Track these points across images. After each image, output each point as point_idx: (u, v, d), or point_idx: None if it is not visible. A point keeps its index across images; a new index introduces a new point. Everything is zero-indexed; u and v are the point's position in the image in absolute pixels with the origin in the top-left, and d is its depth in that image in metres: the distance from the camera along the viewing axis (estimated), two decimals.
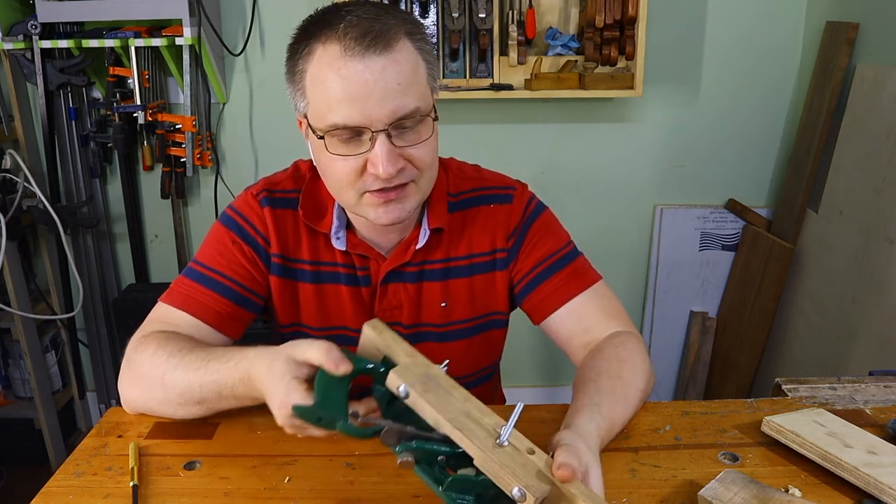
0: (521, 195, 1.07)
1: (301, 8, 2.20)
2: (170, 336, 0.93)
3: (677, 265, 2.48)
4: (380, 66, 0.84)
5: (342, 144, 0.88)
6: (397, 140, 0.87)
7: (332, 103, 0.85)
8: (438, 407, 0.68)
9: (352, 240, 1.02)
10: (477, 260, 1.05)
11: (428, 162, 0.91)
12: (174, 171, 2.30)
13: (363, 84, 0.84)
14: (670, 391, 2.68)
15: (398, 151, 0.87)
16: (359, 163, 0.88)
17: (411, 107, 0.86)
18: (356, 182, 0.90)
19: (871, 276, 1.81)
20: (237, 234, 1.02)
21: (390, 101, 0.85)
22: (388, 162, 0.86)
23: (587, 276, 1.04)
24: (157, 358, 0.89)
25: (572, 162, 2.39)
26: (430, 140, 0.91)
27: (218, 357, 0.85)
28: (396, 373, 0.71)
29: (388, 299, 1.04)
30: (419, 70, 0.89)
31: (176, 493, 0.80)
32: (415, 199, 0.93)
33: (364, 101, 0.84)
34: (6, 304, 2.13)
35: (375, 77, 0.84)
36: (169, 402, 0.89)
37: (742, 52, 2.27)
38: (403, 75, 0.85)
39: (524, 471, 0.63)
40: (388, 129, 0.86)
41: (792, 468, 0.83)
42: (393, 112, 0.85)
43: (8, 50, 2.13)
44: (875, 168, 1.82)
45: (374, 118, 0.85)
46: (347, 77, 0.84)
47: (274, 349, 0.78)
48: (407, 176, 0.90)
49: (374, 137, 0.86)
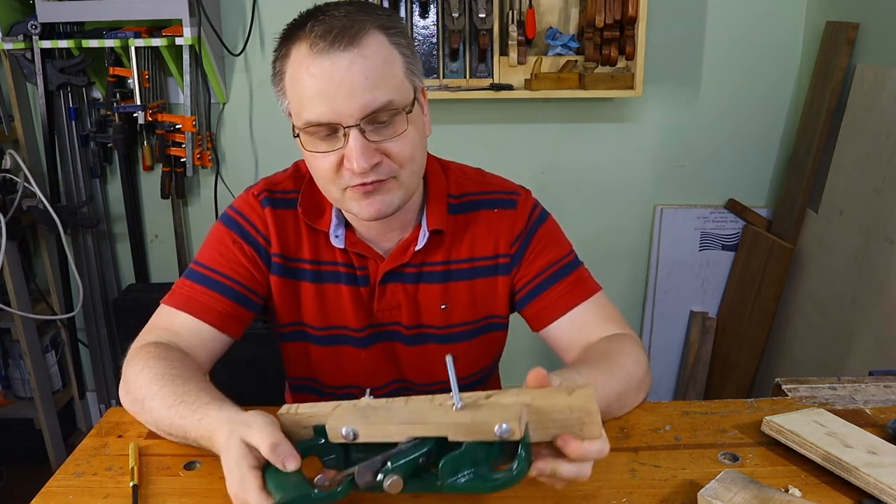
0: (525, 201, 1.07)
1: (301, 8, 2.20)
2: (159, 354, 0.91)
3: (677, 265, 2.48)
4: (346, 62, 0.84)
5: (320, 142, 0.89)
6: (372, 135, 0.87)
7: (305, 101, 0.87)
8: (386, 422, 0.67)
9: (350, 238, 1.02)
10: (479, 263, 1.05)
11: (407, 156, 0.91)
12: (174, 171, 2.30)
13: (330, 80, 0.85)
14: (670, 391, 2.67)
15: (374, 146, 0.88)
16: (336, 159, 0.89)
17: (382, 100, 0.86)
18: (336, 178, 0.90)
19: (871, 276, 1.81)
20: (238, 234, 1.02)
21: (359, 96, 0.85)
22: (360, 156, 0.86)
23: (588, 287, 1.04)
24: (140, 378, 0.88)
25: (572, 162, 2.39)
26: (407, 134, 0.90)
27: (187, 403, 0.82)
28: (332, 423, 0.69)
29: (386, 299, 1.04)
30: (393, 64, 0.88)
31: (176, 493, 0.80)
32: (397, 193, 0.92)
33: (333, 98, 0.85)
34: (6, 304, 2.13)
35: (342, 73, 0.84)
36: (148, 423, 0.89)
37: (742, 52, 2.27)
38: (372, 69, 0.85)
39: (494, 412, 0.63)
40: (360, 123, 0.86)
41: (792, 468, 0.83)
42: (363, 107, 0.85)
43: (8, 50, 2.13)
44: (875, 168, 1.82)
45: (343, 113, 0.85)
46: (315, 74, 0.85)
47: (233, 419, 0.75)
48: (385, 171, 0.90)
49: (347, 133, 0.86)
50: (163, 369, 0.88)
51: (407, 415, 0.67)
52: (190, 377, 0.87)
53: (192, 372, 0.89)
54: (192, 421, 0.81)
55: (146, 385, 0.87)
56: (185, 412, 0.82)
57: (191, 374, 0.89)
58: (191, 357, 0.95)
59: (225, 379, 2.07)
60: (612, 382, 0.88)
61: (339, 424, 0.68)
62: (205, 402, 0.81)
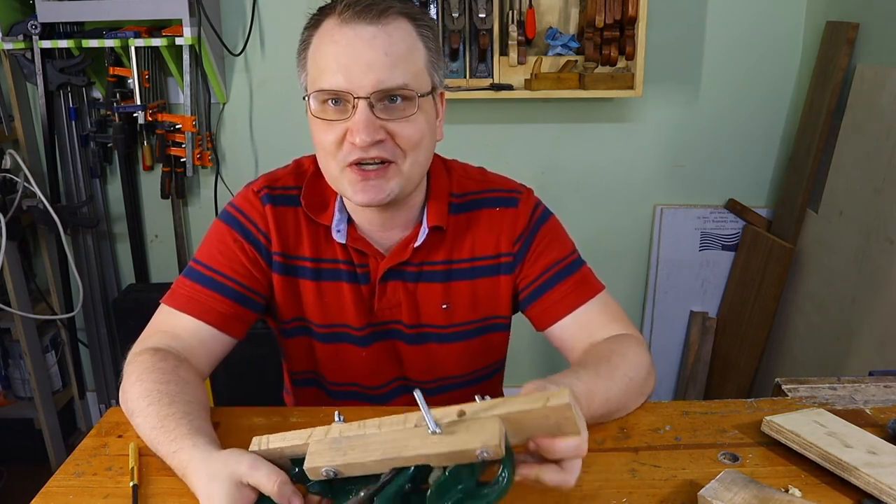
0: (528, 200, 1.07)
1: (301, 8, 2.20)
2: (154, 366, 0.89)
3: (677, 265, 2.48)
4: (369, 34, 0.86)
5: (327, 109, 0.90)
6: (380, 112, 0.88)
7: (323, 68, 0.88)
8: (364, 457, 0.66)
9: (352, 234, 1.02)
10: (480, 263, 1.05)
11: (413, 142, 0.91)
12: (174, 171, 2.30)
13: (351, 49, 0.86)
14: (670, 391, 2.68)
15: (379, 123, 0.88)
16: (341, 130, 0.89)
17: (398, 81, 0.87)
18: (337, 152, 0.91)
19: (871, 276, 1.81)
20: (239, 233, 1.02)
21: (375, 71, 0.86)
22: (364, 129, 0.86)
23: (592, 286, 1.04)
24: (133, 391, 0.87)
25: (572, 162, 2.39)
26: (415, 119, 0.90)
27: (167, 430, 0.80)
28: (310, 464, 0.68)
29: (386, 297, 1.04)
30: (416, 52, 0.90)
31: (176, 493, 0.80)
32: (395, 181, 0.92)
33: (349, 67, 0.86)
34: (6, 304, 2.13)
35: (364, 44, 0.86)
36: (139, 435, 0.86)
37: (742, 52, 2.27)
38: (393, 48, 0.87)
39: (472, 434, 0.62)
40: (370, 97, 0.87)
41: (792, 468, 0.83)
42: (377, 81, 0.86)
43: (8, 50, 2.13)
44: (875, 168, 1.82)
45: (356, 84, 0.86)
46: (338, 42, 0.87)
47: (214, 458, 0.74)
48: (387, 151, 0.90)
49: (356, 104, 0.87)
50: (153, 384, 0.86)
51: (384, 445, 0.65)
52: (176, 396, 0.85)
53: (182, 387, 0.87)
54: (167, 451, 0.79)
55: (135, 400, 0.86)
56: (163, 440, 0.80)
57: (180, 389, 0.86)
58: (188, 365, 0.93)
59: (224, 379, 2.08)
60: (612, 386, 0.88)
61: (318, 464, 0.67)
62: (182, 434, 0.79)
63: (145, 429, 0.84)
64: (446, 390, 1.12)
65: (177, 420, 0.81)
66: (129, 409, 0.88)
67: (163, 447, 0.80)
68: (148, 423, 0.83)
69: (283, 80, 2.27)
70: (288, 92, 2.26)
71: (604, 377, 0.87)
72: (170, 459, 0.79)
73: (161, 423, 0.82)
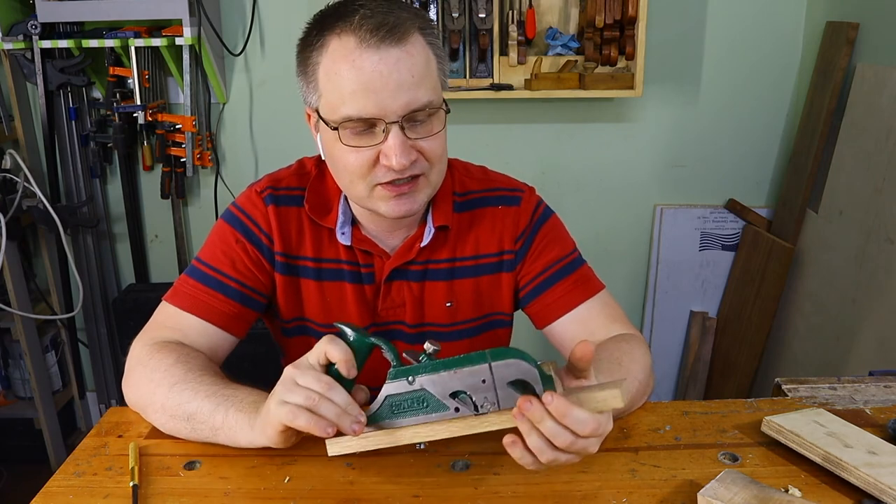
0: (530, 198, 1.08)
1: (301, 8, 2.20)
2: (190, 353, 0.93)
3: (677, 265, 2.48)
4: (394, 59, 0.85)
5: (355, 136, 0.89)
6: (410, 132, 0.88)
7: (346, 95, 0.86)
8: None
9: (357, 235, 1.02)
10: (483, 261, 1.06)
11: (438, 154, 0.92)
12: (174, 171, 2.30)
13: (378, 75, 0.85)
14: (670, 391, 2.67)
15: (410, 143, 0.88)
16: (372, 155, 0.89)
17: (424, 100, 0.87)
18: (368, 174, 0.90)
19: (871, 276, 1.81)
20: (241, 233, 1.02)
21: (404, 93, 0.86)
22: (401, 153, 0.87)
23: (592, 284, 1.05)
24: (176, 369, 0.89)
25: (572, 162, 2.39)
26: (441, 133, 0.92)
27: (236, 385, 0.88)
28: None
29: (391, 297, 1.04)
30: (431, 64, 0.90)
31: (176, 493, 0.80)
32: (425, 192, 0.94)
33: (378, 93, 0.85)
34: (6, 304, 2.13)
35: (390, 69, 0.85)
36: (166, 409, 0.88)
37: (742, 52, 2.27)
38: (417, 68, 0.86)
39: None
40: (400, 121, 0.87)
41: (792, 468, 0.83)
42: (407, 104, 0.86)
43: (8, 50, 2.13)
44: (875, 168, 1.82)
45: (388, 110, 0.86)
46: (362, 68, 0.85)
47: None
48: (418, 168, 0.91)
49: (388, 129, 0.87)
50: (201, 366, 0.91)
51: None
52: (227, 376, 0.92)
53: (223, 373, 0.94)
54: (243, 392, 0.85)
55: (182, 374, 0.88)
56: (236, 388, 0.86)
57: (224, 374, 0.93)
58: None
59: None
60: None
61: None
62: (248, 391, 0.87)
63: (197, 390, 0.86)
64: None
65: (242, 386, 0.88)
66: (167, 381, 0.88)
67: (237, 391, 0.86)
68: (206, 384, 0.87)
69: (283, 80, 2.27)
70: (288, 92, 2.26)
71: None
72: (247, 395, 0.85)
73: (226, 383, 0.88)
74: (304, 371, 0.75)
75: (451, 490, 0.80)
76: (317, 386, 0.73)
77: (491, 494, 0.79)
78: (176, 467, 0.84)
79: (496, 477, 0.81)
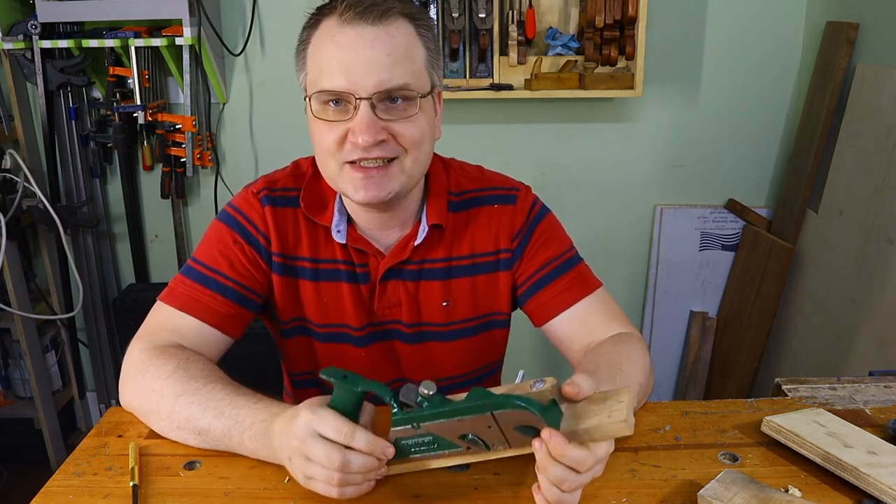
0: (526, 197, 1.08)
1: (301, 8, 2.19)
2: (190, 357, 0.92)
3: (677, 265, 2.48)
4: (371, 35, 0.87)
5: (328, 110, 0.90)
6: (382, 113, 0.89)
7: (324, 69, 0.89)
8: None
9: (352, 234, 1.02)
10: (480, 260, 1.06)
11: (414, 140, 0.92)
12: (174, 171, 2.30)
13: (352, 50, 0.87)
14: (670, 391, 2.67)
15: (382, 124, 0.89)
16: (342, 131, 0.90)
17: (399, 81, 0.88)
18: (337, 151, 0.91)
19: (871, 276, 1.81)
20: (239, 234, 1.02)
21: (377, 71, 0.87)
22: (366, 130, 0.87)
23: (589, 282, 1.05)
24: (176, 377, 0.88)
25: (572, 162, 2.39)
26: (417, 118, 0.91)
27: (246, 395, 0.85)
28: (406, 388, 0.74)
29: (387, 297, 1.04)
30: (416, 52, 0.91)
31: (176, 493, 0.80)
32: (398, 179, 0.93)
33: (351, 68, 0.87)
34: (6, 304, 2.13)
35: (365, 45, 0.86)
36: (172, 420, 0.87)
37: (742, 52, 2.27)
38: (395, 49, 0.88)
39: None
40: (371, 98, 0.87)
41: (792, 468, 0.83)
42: (379, 82, 0.87)
43: (8, 50, 2.13)
44: (875, 168, 1.82)
45: (359, 85, 0.87)
46: (340, 43, 0.87)
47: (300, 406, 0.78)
48: (389, 150, 0.91)
49: (358, 105, 0.87)
50: (203, 371, 0.89)
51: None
52: (231, 380, 0.90)
53: (227, 376, 0.91)
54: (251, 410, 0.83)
55: (184, 383, 0.87)
56: (243, 402, 0.84)
57: (229, 378, 0.91)
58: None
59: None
60: None
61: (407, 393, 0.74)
62: (266, 398, 0.85)
63: (200, 403, 0.85)
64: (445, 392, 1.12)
65: (248, 392, 0.86)
66: (170, 392, 0.87)
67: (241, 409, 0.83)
68: (210, 396, 0.85)
69: (283, 80, 2.27)
70: (288, 92, 2.26)
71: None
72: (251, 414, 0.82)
73: (235, 392, 0.86)
74: (314, 445, 0.72)
75: (451, 490, 0.80)
76: (329, 462, 0.72)
77: (491, 495, 0.79)
78: (176, 467, 0.84)
79: (496, 477, 0.82)
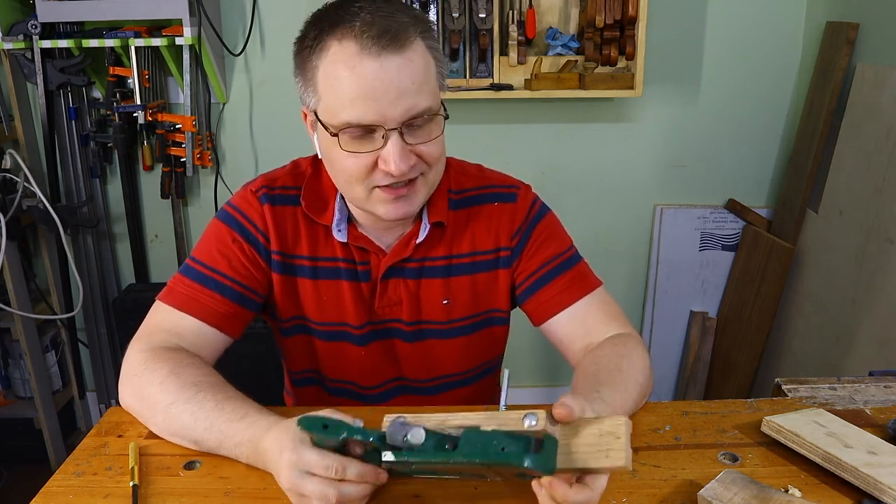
0: (525, 195, 1.08)
1: (301, 8, 2.20)
2: (190, 362, 0.91)
3: (677, 265, 2.48)
4: (395, 66, 0.85)
5: (354, 141, 0.88)
6: (409, 138, 0.88)
7: (346, 101, 0.86)
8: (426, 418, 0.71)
9: (353, 233, 1.02)
10: (480, 258, 1.06)
11: (436, 157, 0.93)
12: (174, 171, 2.30)
13: (379, 83, 0.84)
14: (670, 391, 2.68)
15: (409, 149, 0.89)
16: (370, 160, 0.89)
17: (423, 106, 0.87)
18: (366, 178, 0.91)
19: (871, 276, 1.81)
20: (238, 233, 1.02)
21: (404, 101, 0.86)
22: (400, 160, 0.87)
23: (589, 281, 1.05)
24: (169, 384, 0.87)
25: (572, 162, 2.39)
26: (439, 137, 0.92)
27: (228, 410, 0.84)
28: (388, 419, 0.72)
29: (388, 295, 1.04)
30: (430, 69, 0.90)
31: (176, 493, 0.80)
32: (423, 193, 0.95)
33: (379, 101, 0.85)
34: (6, 304, 2.13)
35: (391, 76, 0.84)
36: (167, 428, 0.87)
37: (742, 52, 2.27)
38: (417, 75, 0.86)
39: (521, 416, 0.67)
40: (400, 127, 0.87)
41: (792, 468, 0.83)
42: (406, 111, 0.86)
43: (8, 50, 2.13)
44: (875, 168, 1.82)
45: (388, 117, 0.86)
46: (363, 75, 0.84)
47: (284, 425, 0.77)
48: (417, 171, 0.91)
49: (387, 136, 0.87)
50: (195, 377, 0.88)
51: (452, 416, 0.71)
52: (224, 385, 0.89)
53: (220, 380, 0.90)
54: (237, 427, 0.82)
55: (176, 391, 0.86)
56: (229, 417, 0.83)
57: (221, 381, 0.90)
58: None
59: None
60: (627, 397, 0.89)
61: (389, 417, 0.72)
62: (252, 409, 0.84)
63: (194, 414, 0.84)
64: (444, 389, 1.12)
65: (234, 401, 0.85)
66: (161, 400, 0.87)
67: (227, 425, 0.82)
68: (201, 408, 0.84)
69: (283, 80, 2.27)
70: (288, 92, 2.25)
71: (620, 390, 0.88)
72: (235, 434, 0.82)
73: (220, 405, 0.84)
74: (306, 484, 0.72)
75: (451, 490, 0.80)
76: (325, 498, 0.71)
77: (491, 494, 0.79)
78: (176, 467, 0.84)
79: None
